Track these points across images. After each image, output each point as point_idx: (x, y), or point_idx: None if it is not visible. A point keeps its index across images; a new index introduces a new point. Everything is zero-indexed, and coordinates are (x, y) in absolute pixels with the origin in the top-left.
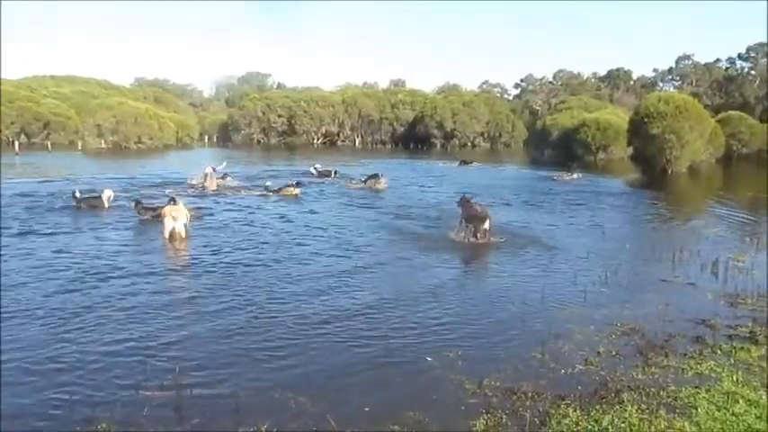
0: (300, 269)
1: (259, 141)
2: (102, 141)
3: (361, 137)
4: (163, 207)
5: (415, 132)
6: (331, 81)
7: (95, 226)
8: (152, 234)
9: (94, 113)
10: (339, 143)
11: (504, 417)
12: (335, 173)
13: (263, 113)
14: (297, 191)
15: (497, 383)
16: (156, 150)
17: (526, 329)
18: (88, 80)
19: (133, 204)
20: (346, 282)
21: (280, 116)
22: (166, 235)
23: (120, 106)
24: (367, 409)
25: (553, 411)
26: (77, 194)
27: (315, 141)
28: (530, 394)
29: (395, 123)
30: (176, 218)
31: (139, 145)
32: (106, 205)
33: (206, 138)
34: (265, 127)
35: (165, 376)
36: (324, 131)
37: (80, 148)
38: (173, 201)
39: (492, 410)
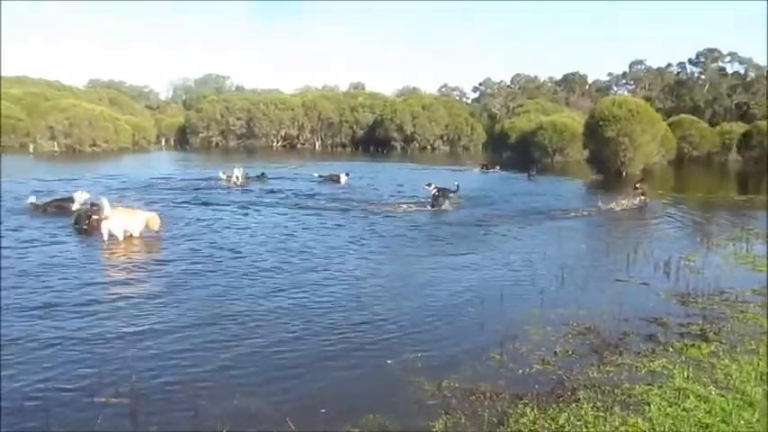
0: (257, 268)
1: (217, 144)
2: (56, 144)
3: (321, 140)
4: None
5: (375, 136)
6: (290, 84)
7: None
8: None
9: (46, 115)
10: (299, 146)
11: (463, 417)
12: (347, 175)
13: (222, 116)
14: (345, 177)
15: (456, 384)
16: (111, 153)
17: (485, 331)
18: (38, 81)
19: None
20: (304, 283)
21: (238, 119)
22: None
23: (73, 108)
24: (323, 411)
25: (511, 411)
26: (33, 200)
27: (274, 144)
28: (488, 394)
29: (355, 126)
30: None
31: (94, 148)
32: (75, 207)
33: (163, 141)
34: (224, 129)
35: (121, 383)
36: (283, 134)
37: (32, 150)
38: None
39: (451, 411)
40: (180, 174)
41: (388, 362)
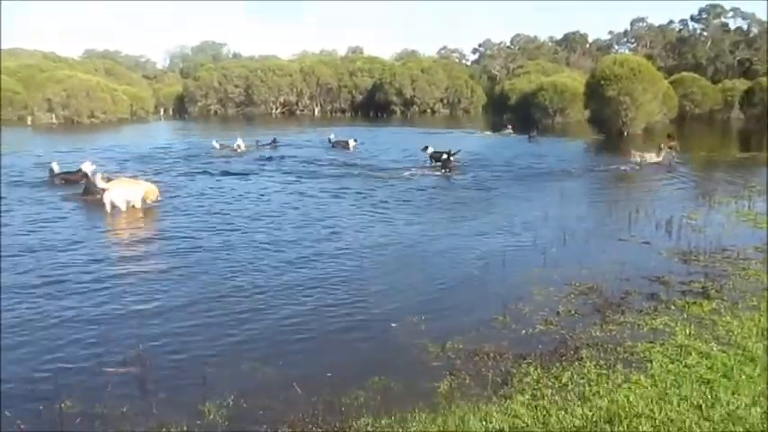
0: (263, 238)
1: (216, 112)
2: (53, 116)
3: (320, 106)
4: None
5: (375, 100)
6: (288, 50)
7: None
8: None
9: (43, 87)
10: (298, 113)
11: (468, 378)
12: (355, 141)
13: (220, 84)
14: (354, 143)
15: (460, 346)
16: (110, 124)
17: (488, 292)
18: (33, 53)
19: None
20: (310, 251)
21: (236, 86)
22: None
23: (69, 79)
24: (330, 374)
25: (515, 370)
26: (55, 169)
27: (273, 111)
28: (492, 355)
29: (354, 91)
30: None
31: (92, 119)
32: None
33: (161, 110)
34: (222, 98)
35: (128, 352)
36: (282, 101)
37: (29, 123)
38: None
39: (455, 372)
40: (179, 143)
41: (393, 325)
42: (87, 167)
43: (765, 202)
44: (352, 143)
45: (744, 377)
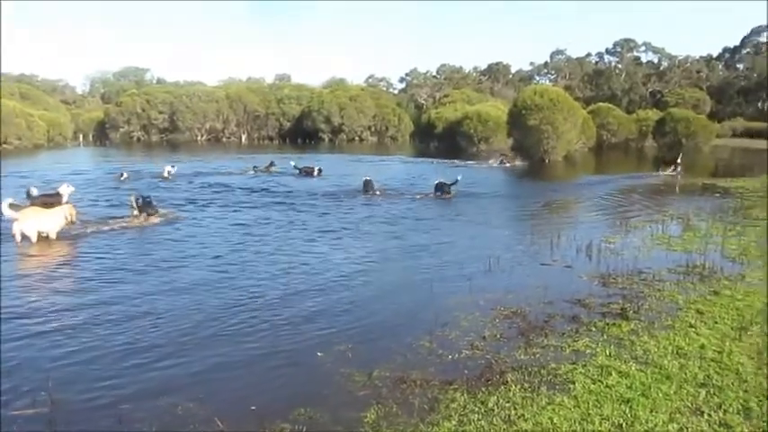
0: (181, 262)
1: (139, 139)
2: None
3: (248, 133)
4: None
5: (303, 128)
6: (214, 76)
7: None
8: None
9: None
10: (224, 140)
11: (395, 406)
12: (320, 171)
13: (143, 110)
14: (318, 170)
15: (387, 374)
16: (24, 151)
17: (415, 318)
18: None
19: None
20: (233, 275)
21: (161, 112)
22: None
23: None
24: (254, 407)
25: (441, 397)
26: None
27: (199, 138)
28: (419, 382)
29: (281, 119)
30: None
31: (5, 145)
32: (63, 201)
33: (81, 136)
34: (145, 124)
35: (37, 392)
36: (208, 128)
37: None
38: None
39: (382, 401)
40: (104, 169)
41: (319, 354)
42: (65, 190)
43: (678, 225)
44: (317, 170)
45: (661, 395)
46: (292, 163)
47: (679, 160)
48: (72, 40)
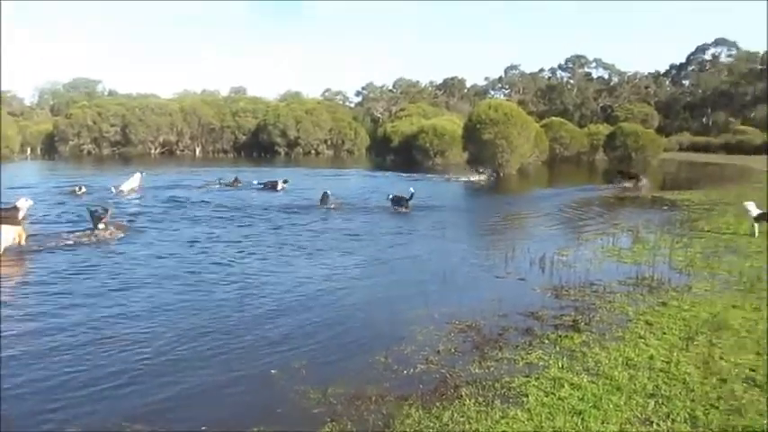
0: (137, 282)
1: (89, 152)
2: None
3: (202, 146)
4: None
5: (259, 141)
6: (168, 89)
7: None
8: None
9: None
10: (178, 153)
11: (349, 423)
12: (285, 182)
13: (94, 122)
14: (283, 184)
15: (342, 390)
16: None
17: (370, 334)
18: None
19: None
20: (187, 297)
21: (112, 125)
22: None
23: None
24: (205, 428)
25: (396, 413)
26: None
27: (152, 151)
28: (374, 398)
29: (237, 132)
30: None
31: None
32: (21, 216)
33: (29, 150)
34: (97, 137)
35: None
36: (161, 141)
37: None
38: None
39: (337, 418)
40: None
41: (273, 372)
42: (23, 204)
43: (628, 237)
44: (281, 184)
45: (611, 406)
46: (255, 182)
47: (642, 175)
48: (20, 50)
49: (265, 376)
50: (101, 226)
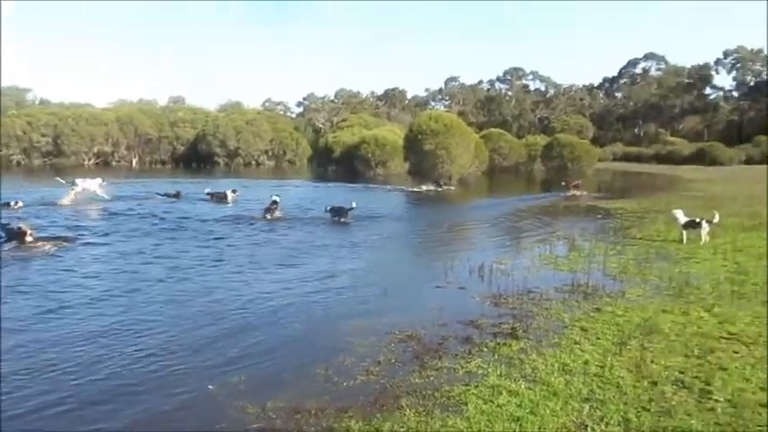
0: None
1: (19, 163)
2: None
3: (139, 156)
4: None
5: (198, 151)
6: (104, 98)
7: None
8: None
9: None
10: (114, 164)
11: None
12: (233, 192)
13: (24, 132)
14: (232, 195)
15: (281, 404)
16: None
17: (310, 346)
18: None
19: None
20: (111, 320)
21: (44, 135)
22: None
23: None
24: None
25: (336, 425)
26: None
27: (86, 162)
28: (313, 411)
29: (175, 142)
30: None
31: None
32: None
33: None
34: (27, 147)
35: None
36: (96, 151)
37: None
38: None
39: None
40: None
41: (210, 387)
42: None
43: (564, 246)
44: (230, 195)
45: (548, 411)
46: (208, 189)
47: (580, 183)
48: None
49: (201, 390)
50: (29, 239)
